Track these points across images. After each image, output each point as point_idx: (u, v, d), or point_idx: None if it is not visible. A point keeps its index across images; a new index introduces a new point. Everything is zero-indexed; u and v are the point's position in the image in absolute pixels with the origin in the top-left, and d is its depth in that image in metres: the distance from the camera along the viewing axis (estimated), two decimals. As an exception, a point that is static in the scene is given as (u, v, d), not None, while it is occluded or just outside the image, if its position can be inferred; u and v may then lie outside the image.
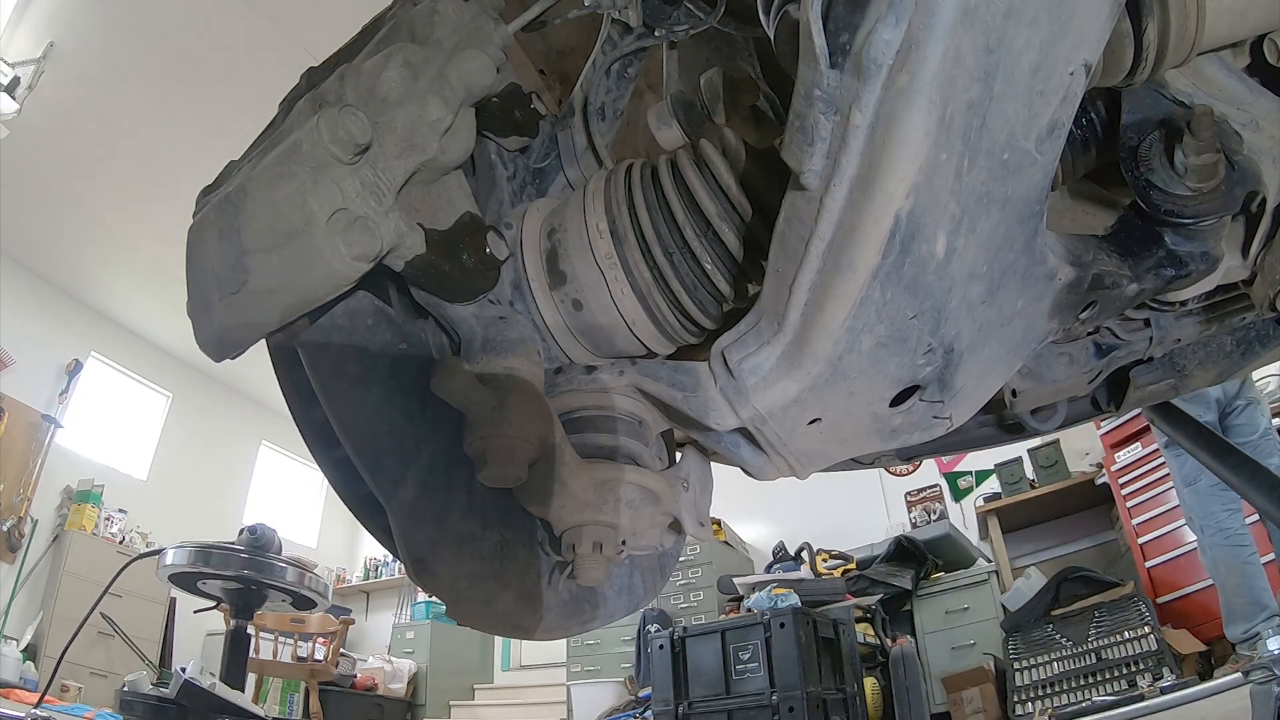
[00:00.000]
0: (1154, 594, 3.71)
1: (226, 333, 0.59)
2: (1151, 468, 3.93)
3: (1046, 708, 3.41)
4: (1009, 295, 0.62)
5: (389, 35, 0.69)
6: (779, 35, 0.57)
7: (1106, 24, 0.52)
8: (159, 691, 2.12)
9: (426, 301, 0.69)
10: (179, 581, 2.59)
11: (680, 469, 0.79)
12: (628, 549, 0.73)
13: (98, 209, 5.81)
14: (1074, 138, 0.72)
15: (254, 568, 2.53)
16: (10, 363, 5.96)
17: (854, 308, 0.56)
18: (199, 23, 4.43)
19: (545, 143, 0.89)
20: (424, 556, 0.62)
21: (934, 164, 0.49)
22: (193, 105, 4.87)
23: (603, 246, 0.73)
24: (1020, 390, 0.93)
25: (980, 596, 4.37)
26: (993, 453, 4.88)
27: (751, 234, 0.71)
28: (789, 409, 0.65)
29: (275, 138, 0.62)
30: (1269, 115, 0.68)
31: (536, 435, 0.65)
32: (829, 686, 3.28)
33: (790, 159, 0.52)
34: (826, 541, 5.30)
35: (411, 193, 0.68)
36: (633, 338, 0.76)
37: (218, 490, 7.59)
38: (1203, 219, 0.64)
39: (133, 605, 5.42)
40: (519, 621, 0.70)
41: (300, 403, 0.66)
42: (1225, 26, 0.62)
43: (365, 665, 6.56)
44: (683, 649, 3.47)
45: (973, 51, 0.47)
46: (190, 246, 0.59)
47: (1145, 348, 0.92)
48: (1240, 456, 1.36)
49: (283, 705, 5.99)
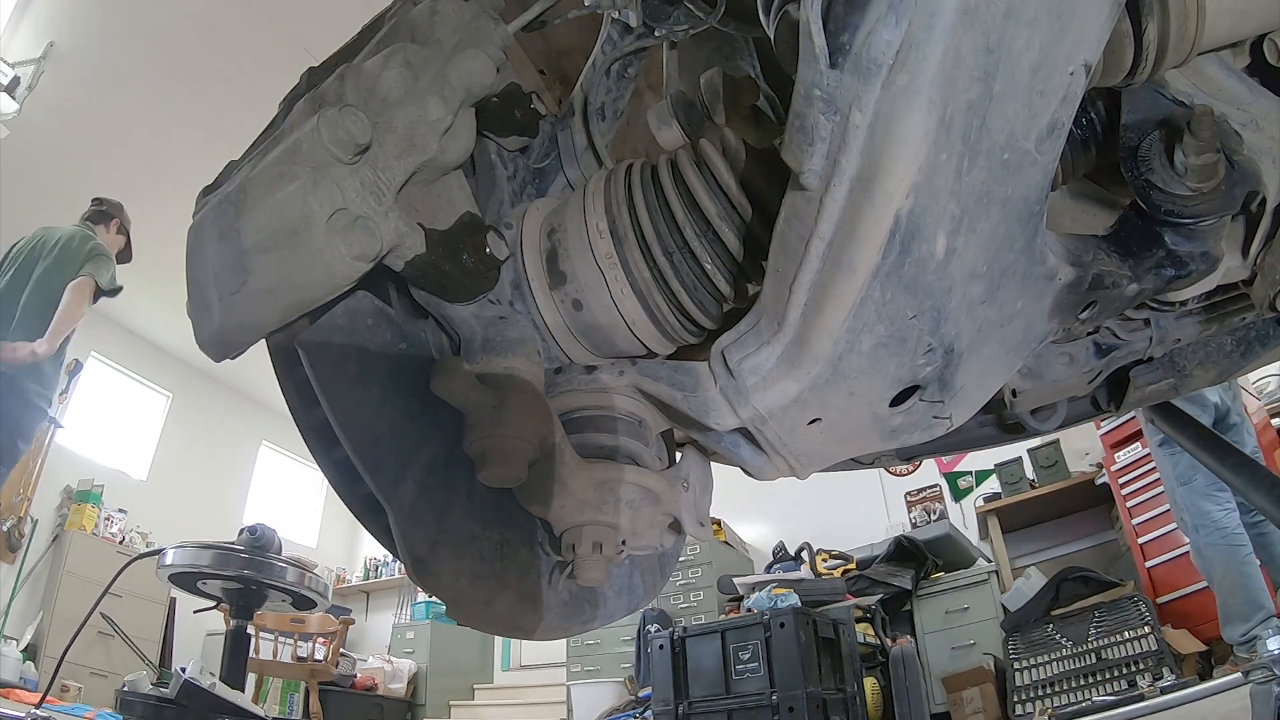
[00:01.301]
0: (1154, 594, 3.71)
1: (226, 333, 0.59)
2: (1152, 467, 3.93)
3: (1046, 708, 3.41)
4: (1009, 295, 0.62)
5: (389, 35, 0.69)
6: (779, 35, 0.57)
7: (1106, 24, 0.52)
8: (159, 691, 2.12)
9: (426, 301, 0.69)
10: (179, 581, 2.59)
11: (680, 469, 0.78)
12: (628, 549, 0.73)
13: (98, 209, 5.81)
14: (1074, 138, 0.72)
15: (254, 568, 2.53)
16: (10, 363, 5.95)
17: (854, 308, 0.56)
18: (199, 23, 4.43)
19: (545, 143, 0.89)
20: (424, 556, 0.62)
21: (934, 164, 0.49)
22: (193, 105, 4.87)
23: (603, 246, 0.73)
24: (1020, 390, 0.93)
25: (980, 596, 4.37)
26: (993, 453, 4.88)
27: (751, 234, 0.71)
28: (789, 409, 0.65)
29: (275, 138, 0.61)
30: (1269, 115, 0.68)
31: (536, 435, 0.65)
32: (829, 686, 3.28)
33: (790, 159, 0.52)
34: (826, 541, 5.30)
35: (411, 193, 0.68)
36: (633, 338, 0.76)
37: (218, 490, 7.59)
38: (1203, 219, 0.65)
39: (133, 605, 5.42)
40: (519, 621, 0.70)
41: (300, 403, 0.66)
42: (1225, 26, 0.62)
43: (365, 665, 6.56)
44: (683, 649, 3.47)
45: (973, 51, 0.47)
46: (190, 246, 0.59)
47: (1145, 348, 0.92)
48: (1240, 457, 1.36)
49: (283, 705, 5.99)
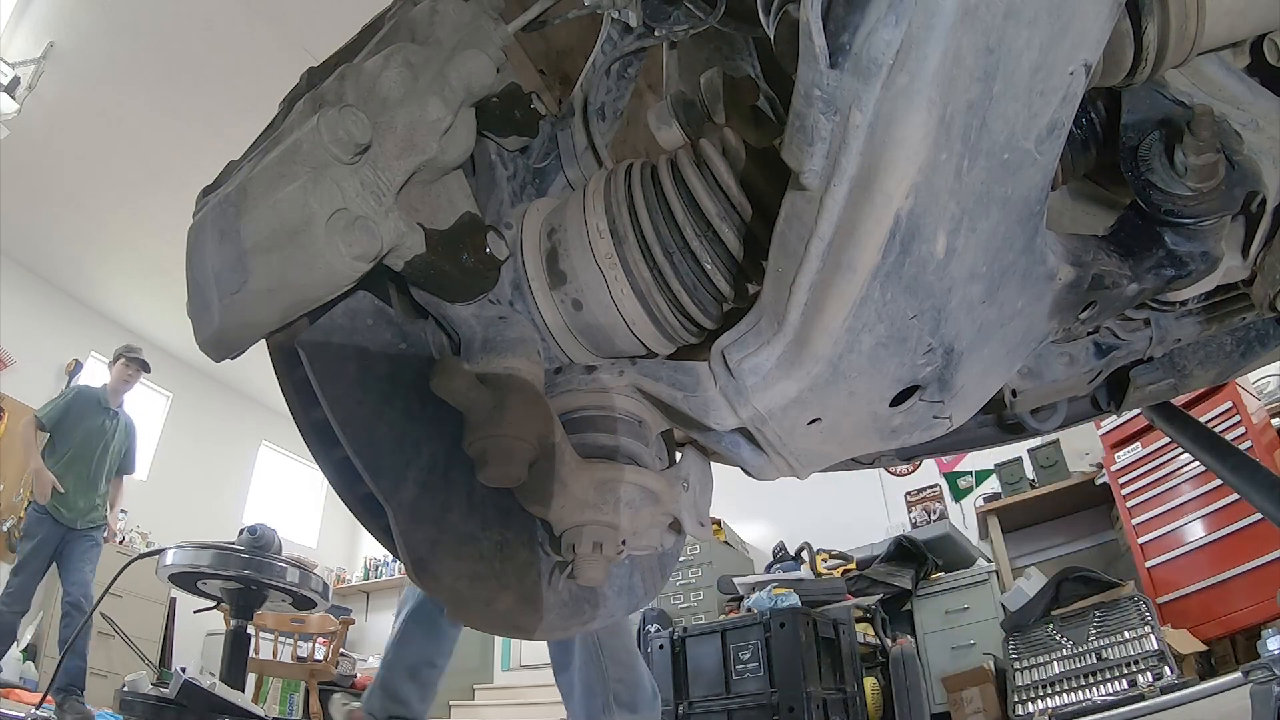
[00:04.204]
0: (1154, 594, 3.71)
1: (226, 333, 0.59)
2: (1151, 468, 3.93)
3: (1046, 708, 3.41)
4: (1009, 295, 0.62)
5: (389, 35, 0.69)
6: (779, 35, 0.57)
7: (1106, 24, 0.52)
8: (159, 691, 2.12)
9: (426, 301, 0.69)
10: (179, 581, 2.59)
11: (680, 469, 0.78)
12: (628, 549, 0.73)
13: (98, 209, 5.82)
14: (1074, 138, 0.72)
15: (254, 568, 2.53)
16: (10, 363, 5.97)
17: (854, 308, 0.56)
18: (199, 23, 4.43)
19: (545, 143, 0.89)
20: (424, 556, 0.62)
21: (934, 164, 0.49)
22: (193, 105, 4.87)
23: (603, 246, 0.73)
24: (1020, 390, 0.93)
25: (980, 596, 4.37)
26: (993, 453, 4.88)
27: (751, 234, 0.70)
28: (789, 409, 0.65)
29: (275, 138, 0.61)
30: (1269, 115, 0.68)
31: (536, 435, 0.64)
32: (829, 686, 3.28)
33: (790, 159, 0.52)
34: (826, 541, 5.30)
35: (411, 193, 0.68)
36: (633, 338, 0.76)
37: (218, 490, 7.59)
38: (1203, 219, 0.65)
39: (133, 605, 5.42)
40: (519, 621, 0.70)
41: (300, 403, 0.66)
42: (1225, 26, 0.62)
43: (365, 665, 6.56)
44: (683, 649, 3.47)
45: (973, 51, 0.47)
46: (190, 246, 0.59)
47: (1145, 348, 0.92)
48: (1241, 457, 1.36)
49: (283, 705, 5.98)
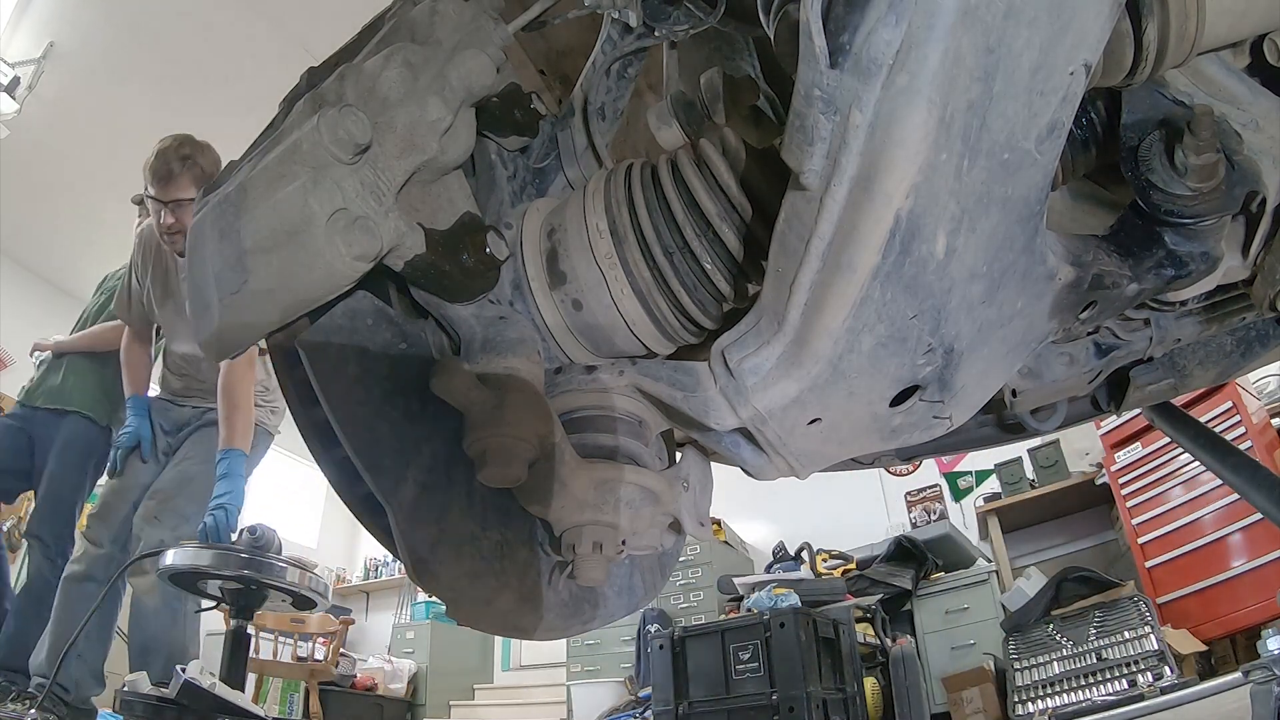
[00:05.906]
0: (1154, 594, 3.71)
1: (226, 332, 0.59)
2: (1151, 468, 3.93)
3: (1046, 708, 3.41)
4: (1009, 295, 0.62)
5: (389, 35, 0.69)
6: (779, 35, 0.57)
7: (1106, 24, 0.52)
8: (159, 691, 2.11)
9: (426, 301, 0.69)
10: (179, 581, 2.59)
11: (680, 469, 0.78)
12: (628, 549, 0.73)
13: (98, 208, 5.81)
14: (1074, 138, 0.72)
15: (254, 568, 2.53)
16: (10, 363, 5.95)
17: (854, 308, 0.56)
18: (199, 23, 4.43)
19: (545, 143, 0.89)
20: (424, 556, 0.62)
21: (934, 164, 0.49)
22: (193, 105, 4.87)
23: (603, 246, 0.73)
24: (1020, 390, 0.93)
25: (980, 596, 4.37)
26: (993, 453, 4.88)
27: (751, 234, 0.70)
28: (789, 409, 0.65)
29: (275, 138, 0.61)
30: (1269, 115, 0.68)
31: (536, 435, 0.64)
32: (829, 686, 3.28)
33: (790, 159, 0.52)
34: (826, 541, 5.30)
35: (411, 193, 0.68)
36: (633, 338, 0.76)
37: (218, 490, 7.58)
38: (1203, 219, 0.65)
39: (133, 605, 5.41)
40: (519, 621, 0.70)
41: (300, 403, 0.66)
42: (1225, 26, 0.62)
43: (365, 665, 6.56)
44: (682, 649, 3.47)
45: (973, 51, 0.47)
46: (190, 247, 0.59)
47: (1145, 348, 0.92)
48: (1241, 457, 1.36)
49: (283, 705, 5.98)
